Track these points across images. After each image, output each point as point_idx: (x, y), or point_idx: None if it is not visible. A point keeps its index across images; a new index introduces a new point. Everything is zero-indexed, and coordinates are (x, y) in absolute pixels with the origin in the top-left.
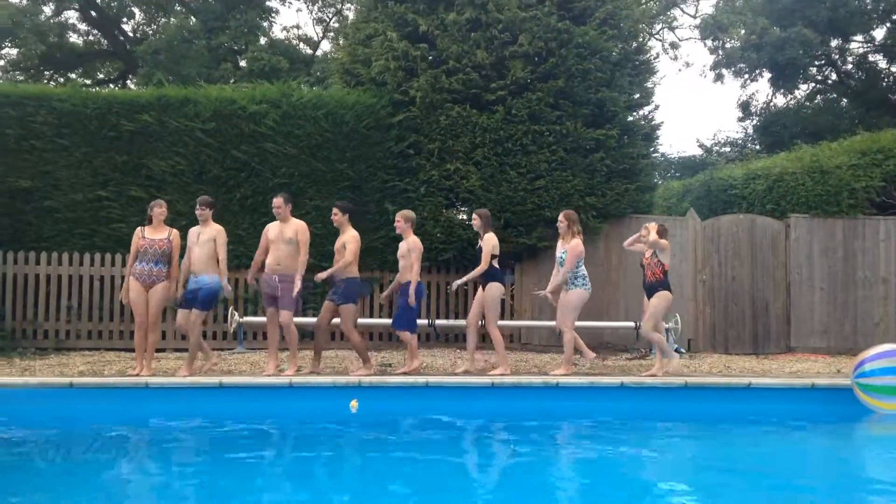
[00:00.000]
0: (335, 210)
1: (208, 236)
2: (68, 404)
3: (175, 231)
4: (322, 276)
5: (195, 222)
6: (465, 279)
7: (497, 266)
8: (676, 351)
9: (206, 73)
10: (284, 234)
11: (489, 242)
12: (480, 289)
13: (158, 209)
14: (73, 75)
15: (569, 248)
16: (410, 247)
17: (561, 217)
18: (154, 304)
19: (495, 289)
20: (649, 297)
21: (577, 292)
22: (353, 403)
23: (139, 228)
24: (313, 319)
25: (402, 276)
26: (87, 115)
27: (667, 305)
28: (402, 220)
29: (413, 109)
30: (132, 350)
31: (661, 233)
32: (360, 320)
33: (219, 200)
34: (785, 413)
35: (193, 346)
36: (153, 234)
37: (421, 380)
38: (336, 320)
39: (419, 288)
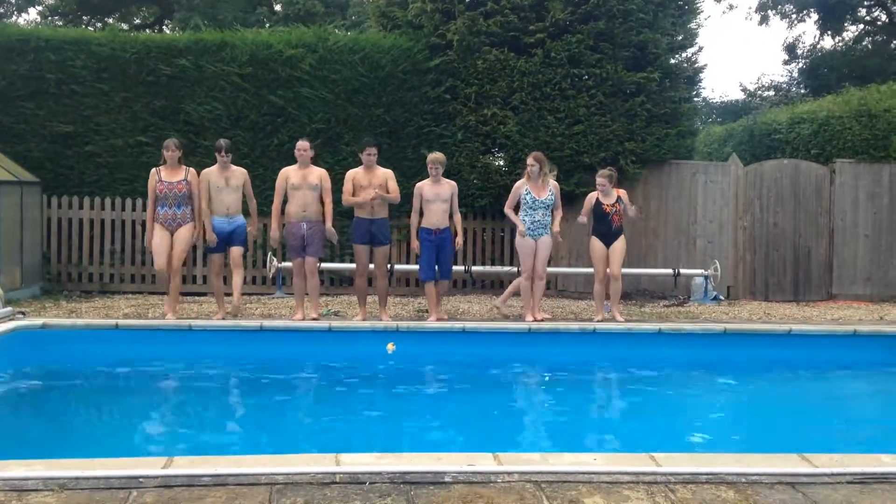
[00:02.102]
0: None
1: (238, 181)
2: (114, 345)
3: (191, 170)
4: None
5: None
6: None
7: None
8: (715, 298)
9: (242, 17)
10: (309, 179)
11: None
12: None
13: (169, 152)
14: (110, 20)
15: (555, 189)
16: (454, 191)
17: (532, 160)
18: (179, 246)
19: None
20: (611, 242)
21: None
22: (390, 346)
23: (154, 170)
24: (351, 265)
25: (441, 222)
26: (126, 59)
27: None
28: (442, 165)
29: (450, 53)
30: None
31: (619, 181)
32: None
33: (256, 146)
34: (825, 360)
35: (239, 285)
36: (170, 177)
37: (458, 325)
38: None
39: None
